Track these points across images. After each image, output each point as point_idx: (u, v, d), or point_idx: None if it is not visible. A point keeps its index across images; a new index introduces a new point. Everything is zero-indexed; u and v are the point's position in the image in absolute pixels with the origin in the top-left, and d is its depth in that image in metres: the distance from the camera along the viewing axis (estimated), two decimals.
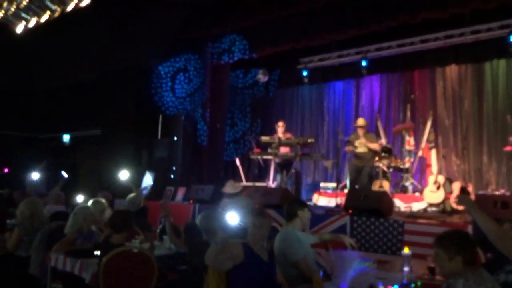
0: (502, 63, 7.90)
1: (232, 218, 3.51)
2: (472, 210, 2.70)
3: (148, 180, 8.02)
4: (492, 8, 6.43)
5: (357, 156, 7.67)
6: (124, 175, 6.88)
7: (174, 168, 9.24)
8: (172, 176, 9.15)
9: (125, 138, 9.77)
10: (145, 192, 7.34)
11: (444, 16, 6.71)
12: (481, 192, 7.07)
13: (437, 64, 8.57)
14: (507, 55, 7.56)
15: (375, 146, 7.48)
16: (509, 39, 7.21)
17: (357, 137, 7.61)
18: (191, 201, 7.25)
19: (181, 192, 7.86)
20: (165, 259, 3.94)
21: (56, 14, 6.46)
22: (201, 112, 9.44)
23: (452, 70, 8.45)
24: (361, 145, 7.51)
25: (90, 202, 4.88)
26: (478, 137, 8.02)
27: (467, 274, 2.31)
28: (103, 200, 5.02)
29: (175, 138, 9.48)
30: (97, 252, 3.68)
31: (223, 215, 3.80)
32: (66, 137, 12.41)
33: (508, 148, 6.29)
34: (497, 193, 6.62)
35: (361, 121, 7.78)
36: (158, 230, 4.88)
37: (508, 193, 6.43)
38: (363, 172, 7.37)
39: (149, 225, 5.26)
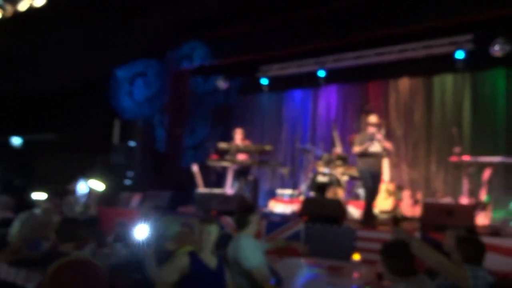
0: (450, 78, 8.34)
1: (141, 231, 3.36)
2: (411, 242, 2.73)
3: (83, 187, 7.76)
4: (442, 26, 6.78)
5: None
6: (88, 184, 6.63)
7: (130, 173, 9.07)
8: (128, 182, 8.99)
9: (80, 142, 9.51)
10: (83, 200, 7.12)
11: (400, 32, 7.01)
12: (428, 200, 7.41)
13: (391, 76, 8.92)
14: (454, 71, 7.98)
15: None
16: (456, 55, 7.64)
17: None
18: None
19: (137, 198, 7.73)
20: (117, 268, 3.87)
21: (8, 14, 6.23)
22: (160, 118, 9.34)
23: (404, 83, 8.83)
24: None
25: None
26: (427, 147, 8.41)
27: (409, 280, 2.43)
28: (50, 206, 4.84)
29: (133, 144, 9.32)
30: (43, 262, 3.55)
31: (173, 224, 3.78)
32: (16, 140, 11.90)
33: (453, 159, 6.63)
34: (443, 201, 6.97)
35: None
36: (111, 239, 4.78)
37: (453, 201, 6.77)
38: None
39: (101, 233, 5.14)
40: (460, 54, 7.62)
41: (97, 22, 8.69)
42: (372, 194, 6.08)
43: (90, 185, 7.66)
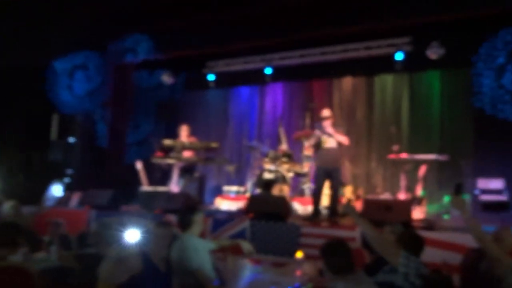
0: (390, 78, 8.70)
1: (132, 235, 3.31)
2: (355, 218, 2.95)
3: (56, 191, 7.34)
4: (383, 28, 7.04)
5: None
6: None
7: (69, 171, 8.67)
8: (67, 180, 8.58)
9: (13, 138, 8.93)
10: (49, 204, 6.71)
11: (342, 32, 7.20)
12: (368, 196, 7.70)
13: (334, 75, 9.16)
14: (394, 71, 8.34)
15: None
16: (396, 56, 7.98)
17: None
18: (87, 207, 6.86)
19: (76, 197, 7.40)
20: (52, 272, 3.68)
21: None
22: (101, 112, 8.99)
23: (347, 82, 9.10)
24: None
25: None
26: (368, 145, 8.74)
27: (347, 277, 2.50)
28: None
29: (72, 140, 8.90)
30: None
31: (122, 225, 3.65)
32: None
33: (392, 156, 6.93)
34: (382, 197, 7.27)
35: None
36: (46, 241, 4.53)
37: (391, 197, 7.09)
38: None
39: (36, 235, 4.86)
40: (399, 56, 7.95)
41: (32, 9, 8.20)
42: (316, 191, 6.16)
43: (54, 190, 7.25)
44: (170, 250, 3.62)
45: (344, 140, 6.16)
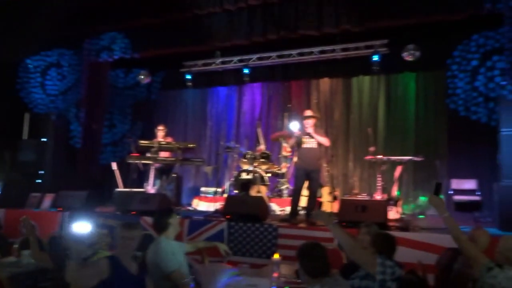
0: (367, 79, 8.79)
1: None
2: (329, 225, 2.94)
3: None
4: (359, 31, 7.10)
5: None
6: None
7: (42, 172, 8.42)
8: (39, 181, 8.34)
9: None
10: None
11: (319, 34, 7.22)
12: (345, 197, 7.76)
13: (313, 76, 9.19)
14: (371, 73, 8.43)
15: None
16: (372, 58, 8.06)
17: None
18: (60, 209, 6.68)
19: (48, 199, 7.21)
20: (22, 277, 3.55)
21: None
22: (76, 112, 8.78)
23: (325, 83, 9.15)
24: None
25: None
26: (345, 146, 8.80)
27: (323, 281, 2.49)
28: None
29: (45, 139, 8.66)
30: None
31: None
32: None
33: (368, 158, 6.99)
34: (358, 197, 7.33)
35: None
36: (16, 244, 4.37)
37: (368, 197, 7.15)
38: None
39: (6, 239, 4.70)
40: (376, 57, 8.04)
41: (4, 5, 7.95)
42: (295, 192, 6.15)
43: None
44: (146, 252, 3.55)
45: (325, 141, 6.11)
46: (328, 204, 6.98)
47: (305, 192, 6.26)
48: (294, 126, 6.27)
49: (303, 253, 2.60)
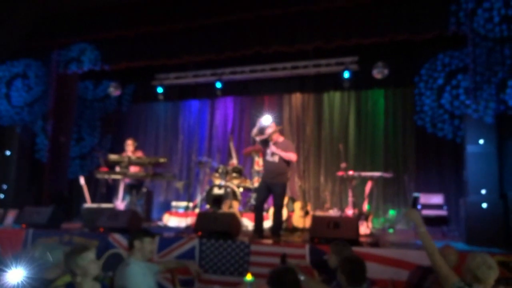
0: (338, 95, 8.93)
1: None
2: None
3: None
4: (331, 47, 7.23)
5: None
6: None
7: (5, 187, 8.09)
8: (1, 196, 8.00)
9: None
10: None
11: (292, 50, 7.31)
12: (317, 212, 7.80)
13: (285, 91, 9.26)
14: (341, 89, 8.57)
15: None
16: (343, 75, 8.21)
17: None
18: (24, 226, 6.42)
19: (11, 215, 6.92)
20: None
21: None
22: (42, 124, 8.50)
23: (297, 98, 9.23)
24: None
25: None
26: (317, 160, 8.88)
27: None
28: None
29: (8, 153, 8.33)
30: None
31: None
32: None
33: (340, 173, 7.07)
34: (330, 212, 7.38)
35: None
36: None
37: (339, 213, 7.21)
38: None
39: None
40: (346, 74, 8.19)
41: None
42: (256, 206, 6.06)
43: None
44: (115, 274, 3.44)
45: (288, 156, 5.92)
46: (300, 219, 7.00)
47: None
48: (266, 120, 6.24)
49: (273, 280, 2.58)
